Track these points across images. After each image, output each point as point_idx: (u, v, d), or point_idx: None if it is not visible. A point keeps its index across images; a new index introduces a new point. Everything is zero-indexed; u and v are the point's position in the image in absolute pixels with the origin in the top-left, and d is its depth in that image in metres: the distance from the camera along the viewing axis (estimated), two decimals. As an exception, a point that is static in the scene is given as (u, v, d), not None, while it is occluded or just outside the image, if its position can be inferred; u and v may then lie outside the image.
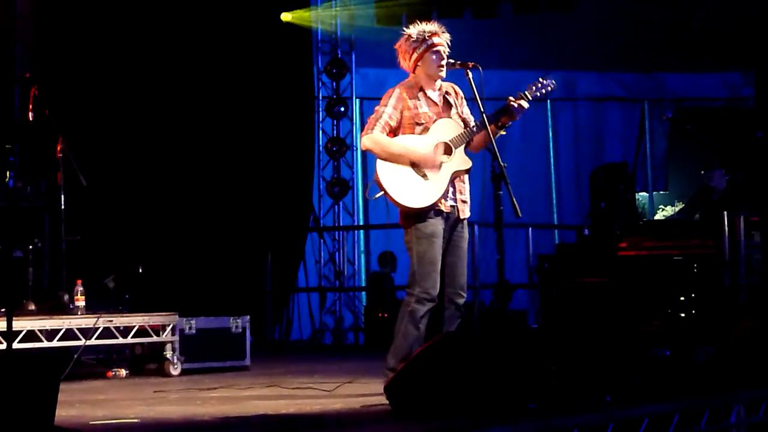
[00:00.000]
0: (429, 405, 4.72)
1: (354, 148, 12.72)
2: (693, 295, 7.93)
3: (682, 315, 7.93)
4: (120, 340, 7.40)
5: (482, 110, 5.61)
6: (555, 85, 5.86)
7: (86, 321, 7.19)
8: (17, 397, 3.99)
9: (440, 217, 5.66)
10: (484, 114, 5.60)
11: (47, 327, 7.03)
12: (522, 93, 5.75)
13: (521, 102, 5.70)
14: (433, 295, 5.62)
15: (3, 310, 6.70)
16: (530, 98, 5.76)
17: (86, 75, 9.75)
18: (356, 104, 12.93)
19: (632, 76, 14.20)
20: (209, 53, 10.60)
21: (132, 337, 7.42)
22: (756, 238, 8.02)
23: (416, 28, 5.77)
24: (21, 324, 6.86)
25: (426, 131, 5.70)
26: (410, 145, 5.65)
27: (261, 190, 11.07)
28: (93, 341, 7.23)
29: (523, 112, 5.73)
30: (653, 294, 8.00)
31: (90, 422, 4.96)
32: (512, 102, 5.70)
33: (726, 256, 7.85)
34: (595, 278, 8.27)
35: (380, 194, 5.67)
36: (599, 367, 5.23)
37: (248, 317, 8.03)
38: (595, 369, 5.19)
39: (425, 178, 5.63)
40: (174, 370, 7.48)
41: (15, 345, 6.67)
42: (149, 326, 7.48)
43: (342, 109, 12.61)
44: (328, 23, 12.57)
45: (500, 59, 12.28)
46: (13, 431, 3.96)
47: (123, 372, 7.48)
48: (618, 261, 8.16)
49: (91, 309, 7.41)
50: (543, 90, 5.84)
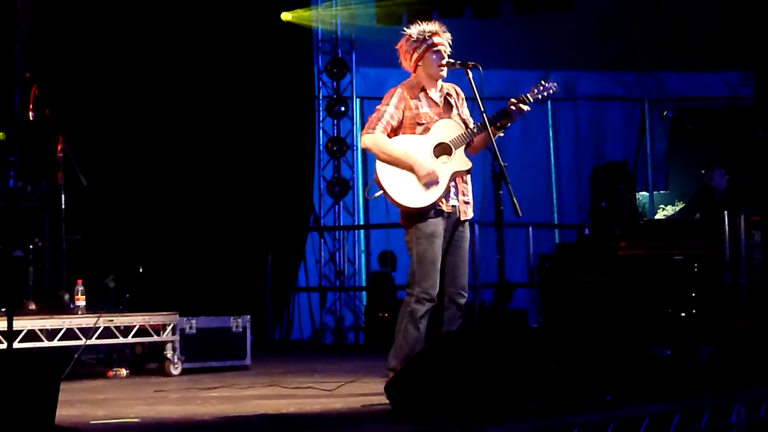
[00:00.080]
0: (429, 405, 4.72)
1: (354, 148, 12.71)
2: (693, 295, 7.93)
3: (683, 314, 7.93)
4: (120, 340, 7.40)
5: (482, 111, 5.60)
6: (557, 88, 5.84)
7: (87, 321, 7.19)
8: (18, 397, 4.00)
9: (441, 217, 5.65)
10: (485, 115, 5.59)
11: (48, 326, 7.03)
12: (523, 96, 5.73)
13: (521, 105, 5.69)
14: (433, 295, 5.61)
15: (3, 310, 6.70)
16: (531, 101, 5.74)
17: (86, 75, 9.75)
18: (356, 104, 12.93)
19: (632, 76, 14.19)
20: (209, 53, 10.60)
21: (132, 337, 7.43)
22: (756, 238, 8.02)
23: (417, 28, 5.76)
24: (21, 323, 6.87)
25: (427, 131, 5.69)
26: (409, 150, 5.64)
27: (261, 190, 11.07)
28: (93, 341, 7.23)
29: (523, 115, 5.73)
30: (654, 293, 7.99)
31: (90, 422, 4.96)
32: (513, 105, 5.69)
33: (726, 256, 7.85)
34: (596, 278, 8.27)
35: (380, 193, 5.67)
36: (599, 367, 5.23)
37: (249, 317, 8.03)
38: (596, 368, 5.18)
39: (424, 180, 5.62)
40: (174, 370, 7.48)
41: (15, 345, 6.67)
42: (150, 326, 7.48)
43: (342, 109, 12.61)
44: (329, 23, 12.57)
45: (500, 59, 12.28)
46: (14, 431, 3.96)
47: (123, 371, 7.48)
48: (618, 260, 8.16)
49: (92, 309, 7.41)
50: (545, 93, 5.82)
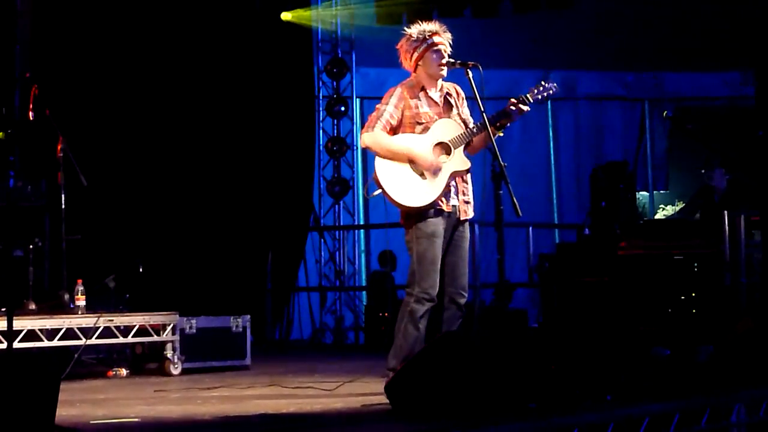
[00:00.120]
0: (429, 404, 4.72)
1: (354, 148, 12.71)
2: (693, 295, 7.93)
3: (683, 314, 7.93)
4: (120, 340, 7.40)
5: (482, 110, 5.59)
6: (557, 89, 5.83)
7: (87, 320, 7.19)
8: (18, 397, 4.00)
9: (441, 217, 5.65)
10: (485, 115, 5.59)
11: (48, 326, 7.03)
12: (523, 96, 5.73)
13: (521, 105, 5.69)
14: (432, 295, 5.61)
15: (3, 310, 6.70)
16: (531, 101, 5.74)
17: (86, 74, 9.75)
18: (356, 104, 12.93)
19: (633, 76, 14.19)
20: (209, 53, 10.60)
21: (132, 337, 7.43)
22: (757, 238, 8.02)
23: (417, 28, 5.76)
24: (21, 323, 6.87)
25: (426, 131, 5.69)
26: (409, 146, 5.65)
27: (261, 190, 11.07)
28: (93, 341, 7.23)
29: (523, 115, 5.73)
30: (654, 293, 7.99)
31: (90, 421, 4.96)
32: (512, 105, 5.69)
33: (727, 256, 7.85)
34: (596, 277, 8.27)
35: (378, 192, 5.67)
36: (600, 367, 5.22)
37: (249, 317, 8.03)
38: (596, 368, 5.17)
39: (423, 178, 5.62)
40: (174, 370, 7.48)
41: (15, 344, 6.67)
42: (150, 326, 7.48)
43: (342, 109, 12.61)
44: (329, 22, 12.57)
45: (500, 59, 12.28)
46: (14, 430, 3.96)
47: (123, 371, 7.48)
48: (618, 260, 8.16)
49: (92, 308, 7.41)
50: (545, 93, 5.82)
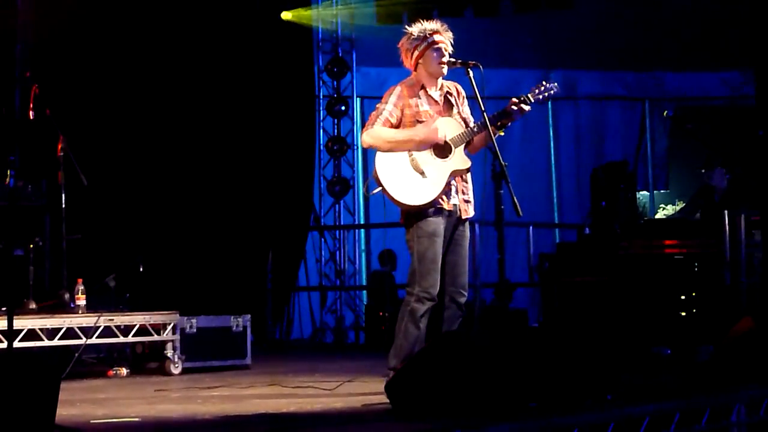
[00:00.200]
0: (430, 404, 4.72)
1: (355, 147, 12.72)
2: (694, 294, 7.93)
3: (683, 314, 7.92)
4: (121, 339, 7.41)
5: (483, 110, 5.59)
6: (557, 89, 5.82)
7: (87, 320, 7.19)
8: (18, 396, 3.99)
9: (441, 216, 5.65)
10: (485, 114, 5.59)
11: (48, 326, 7.03)
12: (525, 96, 5.72)
13: (522, 105, 5.69)
14: (433, 294, 5.61)
15: (4, 309, 6.70)
16: (532, 101, 5.73)
17: (87, 74, 9.75)
18: (357, 103, 12.93)
19: (633, 75, 14.19)
20: (210, 52, 10.60)
21: (133, 336, 7.43)
22: (757, 237, 8.01)
23: (418, 27, 5.76)
24: (22, 323, 6.87)
25: (427, 129, 5.69)
26: (412, 130, 5.64)
27: (262, 189, 11.07)
28: (94, 340, 7.23)
29: (524, 115, 5.73)
30: (654, 293, 7.99)
31: (91, 421, 4.96)
32: (513, 105, 5.69)
33: (727, 255, 7.85)
34: (596, 277, 8.26)
35: (378, 189, 5.66)
36: (600, 366, 5.22)
37: (249, 316, 8.04)
38: (596, 368, 5.17)
39: (423, 176, 5.62)
40: (175, 369, 7.48)
41: (16, 344, 6.68)
42: (150, 325, 7.48)
43: (343, 108, 12.62)
44: (329, 22, 12.57)
45: (501, 58, 12.28)
46: (14, 430, 3.96)
47: (124, 371, 7.48)
48: (619, 260, 8.15)
49: (92, 308, 7.41)
50: (546, 93, 5.81)
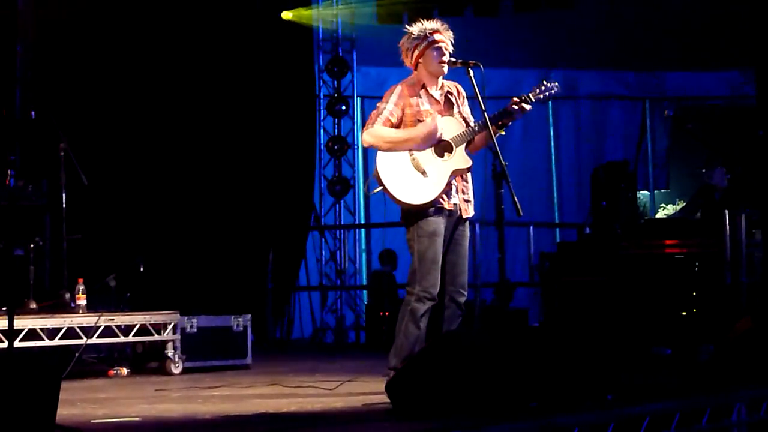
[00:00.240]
0: (430, 404, 4.72)
1: (355, 147, 12.72)
2: (694, 294, 7.93)
3: (684, 313, 7.93)
4: (121, 339, 7.41)
5: (484, 110, 5.59)
6: (558, 88, 5.83)
7: (87, 320, 7.19)
8: (19, 396, 3.99)
9: (442, 216, 5.65)
10: (486, 114, 5.59)
11: (48, 325, 7.03)
12: (526, 95, 5.73)
13: (523, 105, 5.69)
14: (433, 294, 5.61)
15: (4, 309, 6.70)
16: (533, 101, 5.73)
17: (87, 74, 9.75)
18: (357, 103, 12.93)
19: (633, 75, 14.19)
20: (210, 52, 10.60)
21: (133, 336, 7.43)
22: (757, 237, 8.02)
23: (418, 26, 5.77)
24: (22, 323, 6.87)
25: (427, 128, 5.69)
26: (412, 129, 5.64)
27: (262, 189, 11.07)
28: (94, 340, 7.23)
29: (525, 114, 5.73)
30: (654, 292, 7.99)
31: (91, 421, 4.96)
32: (514, 104, 5.69)
33: (727, 255, 7.85)
34: (597, 277, 8.26)
35: (379, 189, 5.66)
36: (600, 366, 5.22)
37: (249, 316, 8.04)
38: (596, 367, 5.18)
39: (425, 175, 5.62)
40: (175, 369, 7.48)
41: (16, 344, 6.68)
42: (150, 325, 7.48)
43: (343, 108, 12.61)
44: (329, 21, 12.57)
45: (501, 58, 12.28)
46: (15, 429, 3.96)
47: (124, 370, 7.48)
48: (619, 259, 8.16)
49: (93, 307, 7.41)
50: (546, 93, 5.81)
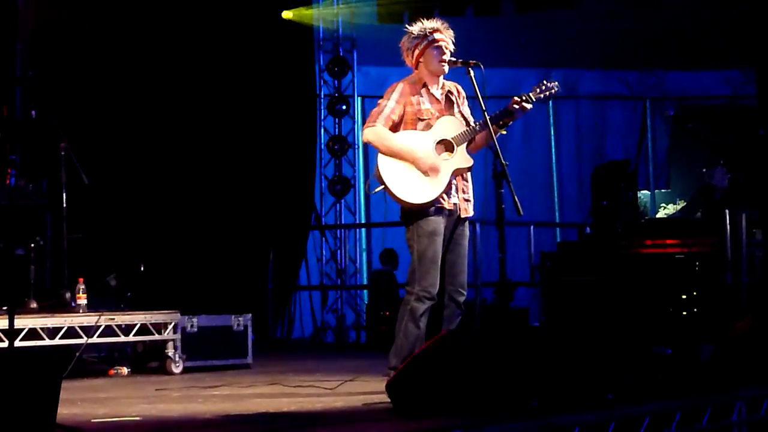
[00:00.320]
0: (431, 403, 4.72)
1: (356, 146, 12.72)
2: (695, 293, 7.93)
3: (684, 313, 7.93)
4: (122, 338, 7.40)
5: (484, 109, 5.59)
6: (558, 88, 5.84)
7: (88, 319, 7.19)
8: (19, 395, 3.99)
9: (442, 215, 5.65)
10: (486, 113, 5.59)
11: (49, 325, 7.03)
12: (526, 95, 5.73)
13: (524, 104, 5.70)
14: (433, 294, 5.61)
15: (5, 308, 6.70)
16: (534, 100, 5.74)
17: (88, 73, 9.74)
18: (358, 102, 12.93)
19: (634, 74, 14.19)
20: (210, 52, 10.60)
21: (134, 335, 7.43)
22: (758, 236, 8.01)
23: (418, 25, 5.78)
24: (23, 322, 6.87)
25: (428, 127, 5.69)
26: (411, 144, 5.64)
27: (263, 189, 11.07)
28: (95, 339, 7.23)
29: (526, 113, 5.74)
30: (655, 292, 7.99)
31: (92, 420, 4.96)
32: (515, 104, 5.69)
33: (728, 254, 7.84)
34: (597, 276, 8.26)
35: (380, 188, 5.66)
36: (601, 365, 5.23)
37: (250, 315, 8.03)
38: (597, 367, 5.18)
39: (426, 175, 5.62)
40: (176, 368, 7.48)
41: (17, 343, 6.68)
42: (151, 324, 7.48)
43: (344, 107, 12.61)
44: (330, 21, 12.56)
45: (502, 57, 12.28)
46: (15, 429, 3.96)
47: (125, 370, 7.48)
48: (620, 259, 8.15)
49: (93, 307, 7.41)
50: (547, 92, 5.82)
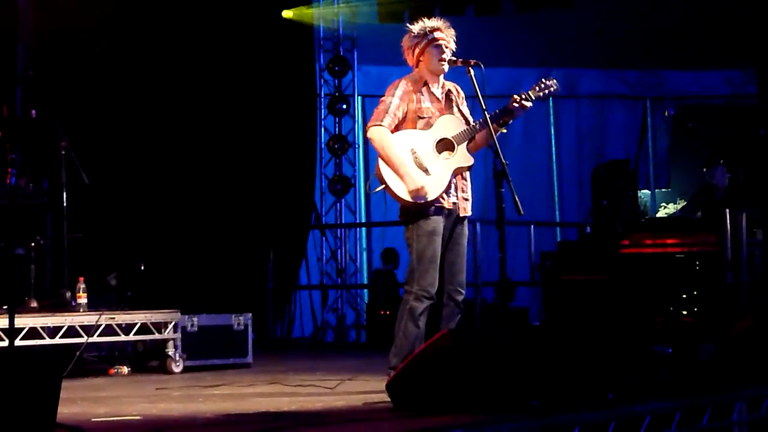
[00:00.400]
0: (431, 402, 4.72)
1: (356, 146, 12.72)
2: (695, 293, 7.92)
3: (684, 312, 7.92)
4: (122, 338, 7.41)
5: (484, 108, 5.60)
6: (557, 86, 5.85)
7: (88, 318, 7.19)
8: (19, 394, 3.99)
9: (441, 215, 5.66)
10: (486, 112, 5.59)
11: (49, 324, 7.04)
12: (525, 93, 5.74)
13: (524, 102, 5.70)
14: (432, 293, 5.61)
15: (5, 308, 6.70)
16: (533, 98, 5.76)
17: (88, 73, 9.74)
18: (358, 102, 12.93)
19: (634, 74, 14.19)
20: (211, 51, 10.60)
21: (134, 335, 7.43)
22: (758, 236, 8.01)
23: (419, 24, 5.79)
24: (23, 321, 6.88)
25: (428, 126, 5.70)
26: (406, 161, 5.61)
27: (263, 188, 11.07)
28: (95, 338, 7.23)
29: (526, 111, 5.74)
30: (655, 291, 7.99)
31: (92, 419, 4.96)
32: (515, 103, 5.70)
33: (728, 254, 7.84)
34: (597, 276, 8.26)
35: (381, 188, 5.67)
36: (601, 365, 5.23)
37: (250, 314, 8.04)
38: (597, 366, 5.18)
39: (427, 173, 5.63)
40: (176, 368, 7.48)
41: (17, 342, 6.69)
42: (151, 323, 7.48)
43: (344, 107, 12.62)
44: (330, 20, 12.56)
45: (502, 57, 12.28)
46: (15, 428, 3.96)
47: (125, 369, 7.49)
48: (620, 258, 8.15)
49: (94, 306, 7.41)
50: (546, 90, 5.83)
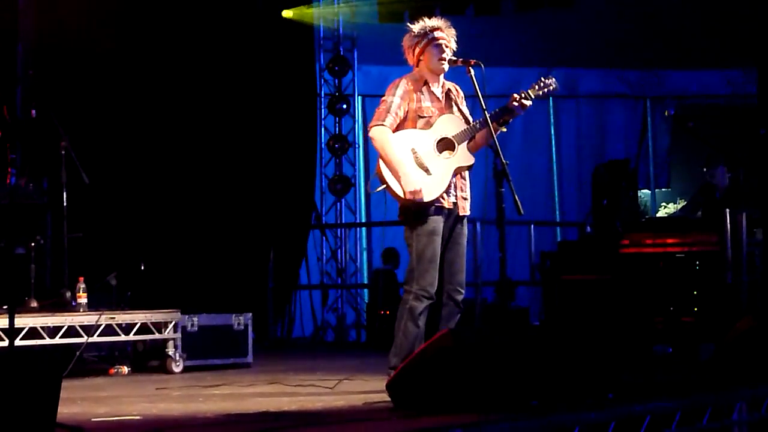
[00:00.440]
0: (431, 402, 4.72)
1: (356, 146, 12.73)
2: (695, 293, 7.92)
3: (685, 312, 7.92)
4: (122, 337, 7.41)
5: (484, 108, 5.60)
6: (557, 85, 5.86)
7: (88, 318, 7.19)
8: (19, 394, 3.99)
9: (441, 215, 5.66)
10: (486, 112, 5.59)
11: (49, 324, 7.03)
12: (525, 92, 5.75)
13: (524, 101, 5.71)
14: (431, 293, 5.61)
15: (5, 307, 6.70)
16: (533, 97, 5.77)
17: (88, 72, 9.75)
18: (358, 101, 12.94)
19: (634, 73, 14.19)
20: (211, 51, 10.60)
21: (134, 334, 7.43)
22: (758, 236, 8.01)
23: (419, 24, 5.79)
24: (23, 321, 6.87)
25: (428, 125, 5.70)
26: (405, 162, 5.61)
27: (263, 188, 11.08)
28: (95, 338, 7.23)
29: (526, 110, 5.75)
30: (655, 291, 7.99)
31: (92, 419, 4.96)
32: (515, 101, 5.70)
33: (728, 254, 7.84)
34: (598, 275, 8.26)
35: (382, 188, 5.67)
36: (601, 365, 5.23)
37: (250, 314, 8.04)
38: (597, 366, 5.18)
39: (428, 173, 5.63)
40: (176, 368, 7.48)
41: (17, 342, 6.69)
42: (151, 323, 7.48)
43: (344, 107, 12.62)
44: (330, 20, 12.57)
45: (502, 56, 12.28)
46: (15, 428, 3.96)
47: (125, 369, 7.49)
48: (620, 258, 8.15)
49: (94, 306, 7.41)
50: (545, 89, 5.84)
